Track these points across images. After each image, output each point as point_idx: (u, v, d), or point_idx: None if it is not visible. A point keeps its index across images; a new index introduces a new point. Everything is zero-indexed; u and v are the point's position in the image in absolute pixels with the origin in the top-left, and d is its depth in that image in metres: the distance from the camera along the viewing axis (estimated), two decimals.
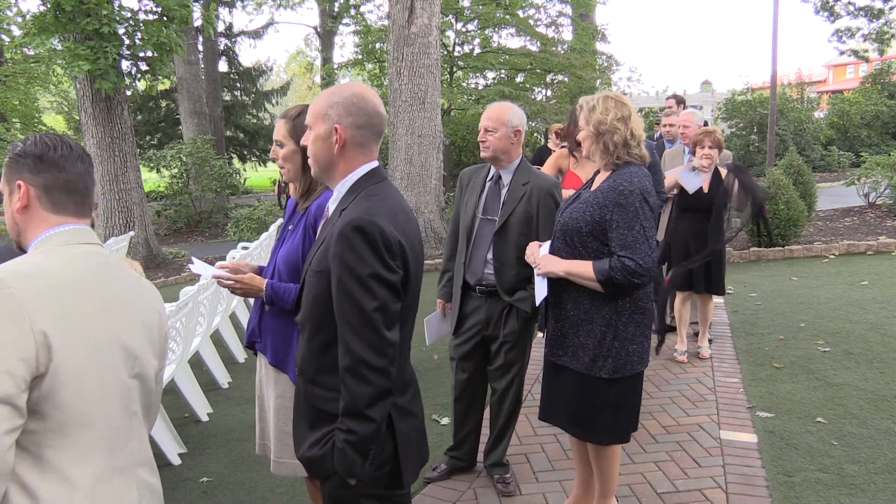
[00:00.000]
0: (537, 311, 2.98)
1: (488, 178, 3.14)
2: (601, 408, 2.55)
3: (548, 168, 4.19)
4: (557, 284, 2.57)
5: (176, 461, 3.71)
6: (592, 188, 2.62)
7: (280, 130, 2.33)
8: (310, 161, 1.84)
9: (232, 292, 2.44)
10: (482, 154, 3.05)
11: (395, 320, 1.67)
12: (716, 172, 4.63)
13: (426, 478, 3.33)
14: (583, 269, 2.47)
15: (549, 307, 2.68)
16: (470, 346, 3.19)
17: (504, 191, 3.07)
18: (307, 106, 2.15)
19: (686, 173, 4.69)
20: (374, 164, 1.82)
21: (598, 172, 2.72)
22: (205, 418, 4.32)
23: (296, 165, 2.33)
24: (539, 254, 2.66)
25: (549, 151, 8.18)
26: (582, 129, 2.59)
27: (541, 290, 2.58)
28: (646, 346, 2.60)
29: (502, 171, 3.09)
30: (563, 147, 7.25)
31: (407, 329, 1.80)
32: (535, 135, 17.12)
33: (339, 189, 1.79)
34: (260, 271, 2.45)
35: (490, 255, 3.06)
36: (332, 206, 1.82)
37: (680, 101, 6.53)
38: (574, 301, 2.55)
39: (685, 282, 4.75)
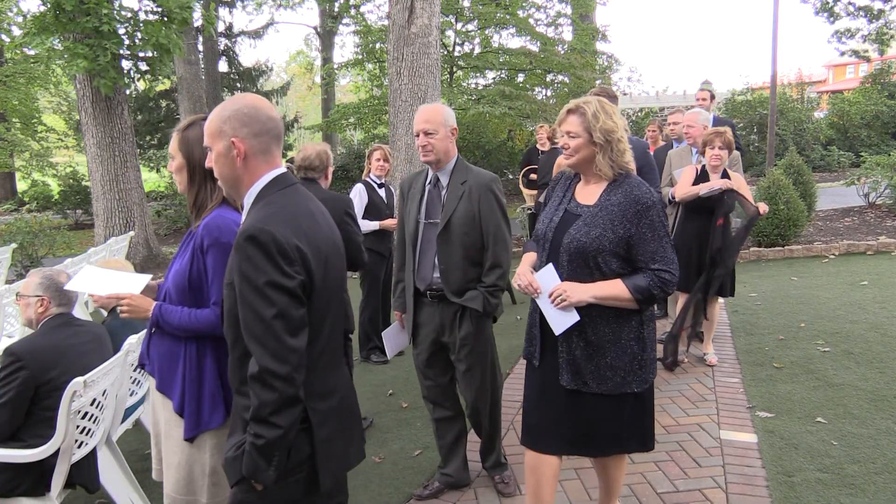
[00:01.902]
0: (492, 310, 2.96)
1: (427, 182, 3.06)
2: (631, 421, 2.45)
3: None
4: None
5: None
6: (589, 202, 2.42)
7: (171, 144, 2.26)
8: (219, 182, 1.85)
9: (119, 314, 2.34)
10: (424, 159, 2.95)
11: (299, 326, 1.65)
12: (724, 174, 4.55)
13: (414, 494, 3.25)
14: (615, 291, 2.31)
15: (551, 335, 2.44)
16: (429, 353, 3.12)
17: (443, 192, 2.99)
18: (200, 118, 2.14)
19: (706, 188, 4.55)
20: (279, 170, 1.81)
21: (572, 182, 2.53)
22: None
23: (183, 179, 2.24)
24: (539, 282, 2.41)
25: (537, 152, 8.21)
26: (579, 137, 2.37)
27: (566, 321, 2.35)
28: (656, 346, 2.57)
29: (440, 174, 3.01)
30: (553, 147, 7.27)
31: (325, 335, 1.78)
32: (535, 135, 17.12)
33: (247, 201, 1.80)
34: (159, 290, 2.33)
35: (437, 259, 2.99)
36: (243, 218, 1.83)
37: (712, 97, 6.39)
38: (597, 324, 2.37)
39: (691, 285, 4.59)
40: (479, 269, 2.97)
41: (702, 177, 4.60)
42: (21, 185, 22.22)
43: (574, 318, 2.33)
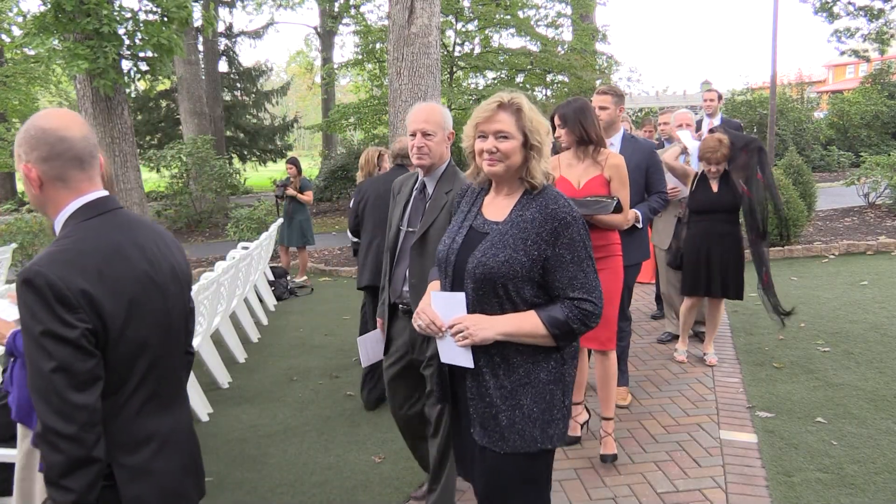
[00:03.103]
0: None
1: (415, 187, 2.86)
2: (529, 484, 2.01)
3: None
4: (478, 348, 1.94)
5: None
6: (498, 219, 2.01)
7: None
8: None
9: None
10: (419, 162, 2.72)
11: (87, 380, 1.44)
12: (726, 175, 4.64)
13: (412, 495, 3.24)
14: (528, 325, 1.90)
15: (456, 378, 2.07)
16: (398, 368, 2.92)
17: (428, 200, 2.78)
18: None
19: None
20: (89, 197, 1.58)
21: (478, 195, 2.12)
22: (205, 418, 4.33)
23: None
24: (440, 315, 1.97)
25: None
26: (513, 139, 1.96)
27: (462, 360, 1.95)
28: None
29: (427, 179, 2.79)
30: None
31: (135, 381, 1.57)
32: None
33: (57, 231, 1.60)
34: None
35: (408, 272, 2.75)
36: None
37: (720, 98, 6.55)
38: (508, 364, 1.94)
39: (701, 287, 4.69)
40: None
41: (701, 182, 4.71)
42: (21, 185, 22.23)
43: (468, 362, 1.93)
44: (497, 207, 2.05)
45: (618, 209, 3.29)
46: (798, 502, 3.01)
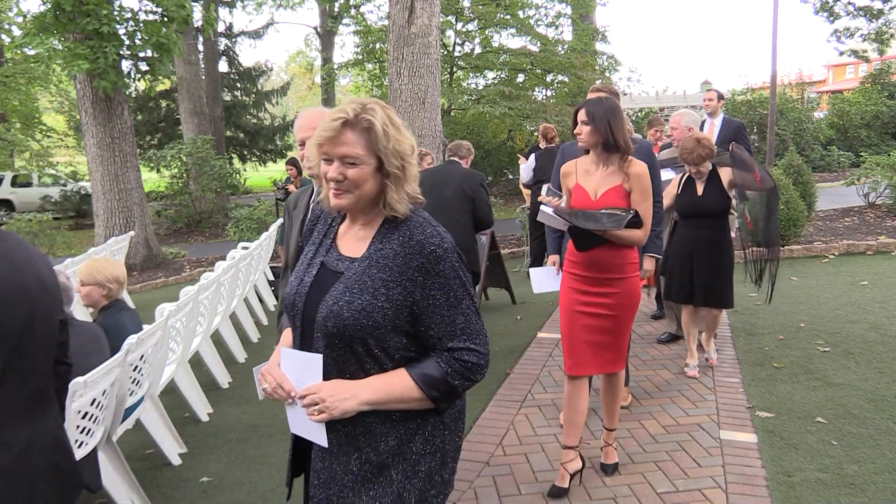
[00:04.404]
0: None
1: (311, 200, 2.60)
2: None
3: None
4: (336, 420, 1.56)
5: (176, 461, 3.72)
6: (355, 254, 1.62)
7: None
8: None
9: None
10: (309, 174, 2.38)
11: None
12: (713, 175, 4.42)
13: None
14: (397, 388, 1.54)
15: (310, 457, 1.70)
16: None
17: None
18: None
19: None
20: None
21: (334, 222, 1.74)
22: (205, 418, 4.33)
23: None
24: (290, 378, 1.60)
25: (537, 151, 8.20)
26: (363, 164, 1.55)
27: (316, 436, 1.60)
28: None
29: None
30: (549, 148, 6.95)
31: (11, 383, 1.57)
32: (536, 135, 17.14)
33: None
34: None
35: None
36: None
37: (720, 97, 6.33)
38: (373, 437, 1.58)
39: (683, 295, 4.55)
40: None
41: (687, 185, 4.52)
42: None
43: (321, 439, 1.58)
44: (353, 240, 1.65)
45: (634, 223, 2.94)
46: (798, 502, 3.01)
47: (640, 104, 17.74)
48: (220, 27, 22.72)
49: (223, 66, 23.79)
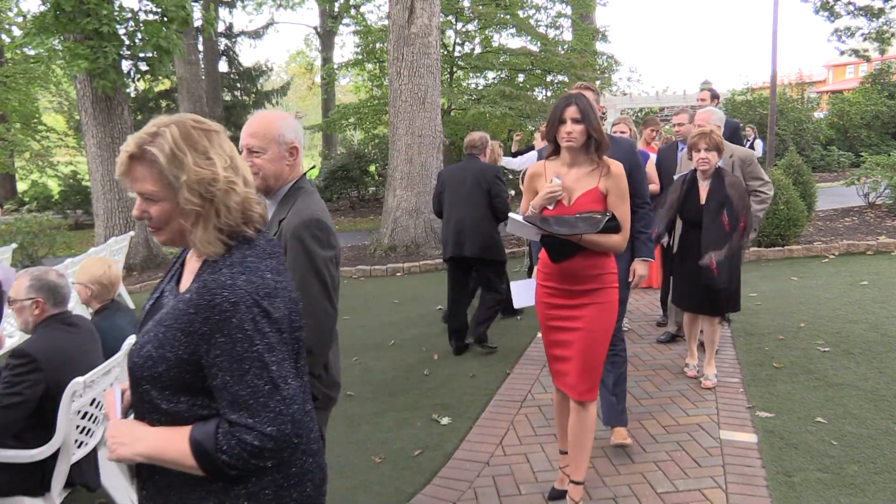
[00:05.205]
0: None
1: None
2: None
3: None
4: (143, 467, 1.44)
5: None
6: (184, 287, 1.45)
7: None
8: None
9: None
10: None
11: None
12: (718, 177, 4.17)
13: None
14: (171, 451, 1.35)
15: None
16: None
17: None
18: None
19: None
20: None
21: None
22: None
23: None
24: (117, 407, 1.49)
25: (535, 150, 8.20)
26: (160, 200, 1.37)
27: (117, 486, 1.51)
28: None
29: (268, 204, 2.22)
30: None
31: None
32: (535, 135, 17.13)
33: None
34: None
35: None
36: None
37: (714, 97, 6.10)
38: (187, 493, 1.41)
39: (692, 304, 4.37)
40: None
41: (690, 184, 4.27)
42: (21, 185, 22.25)
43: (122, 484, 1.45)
44: (189, 272, 1.47)
45: (611, 227, 2.73)
46: (798, 502, 3.01)
47: (640, 104, 17.69)
48: (220, 27, 22.74)
49: (223, 66, 23.81)
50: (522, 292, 3.56)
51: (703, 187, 4.22)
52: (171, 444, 1.34)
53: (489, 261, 5.23)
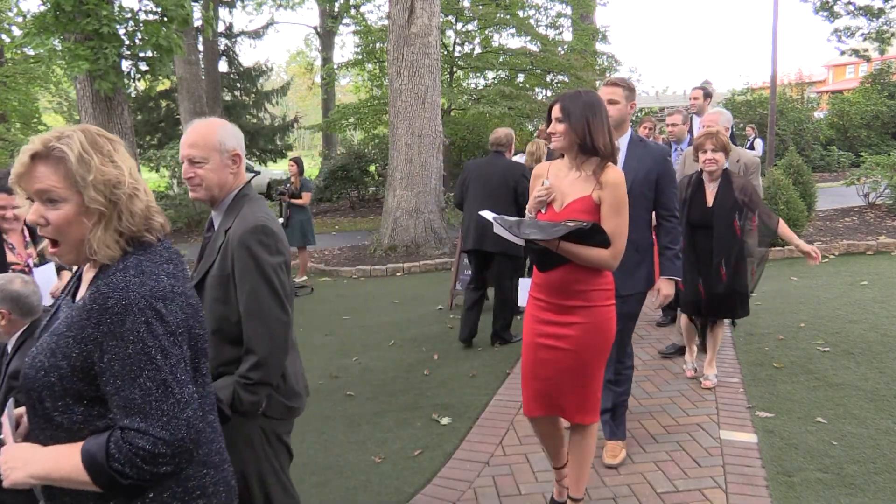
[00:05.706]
0: (246, 408, 1.99)
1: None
2: None
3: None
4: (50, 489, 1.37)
5: None
6: (80, 296, 1.43)
7: None
8: None
9: None
10: (193, 196, 2.14)
11: None
12: (725, 179, 4.09)
13: None
14: (66, 466, 1.29)
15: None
16: None
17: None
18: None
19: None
20: None
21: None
22: None
23: None
24: (10, 431, 1.42)
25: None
26: (64, 201, 1.34)
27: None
28: None
29: (214, 214, 2.19)
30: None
31: None
32: (535, 134, 17.15)
33: None
34: None
35: None
36: None
37: (707, 95, 6.00)
38: None
39: (699, 308, 4.26)
40: (233, 348, 2.07)
41: (696, 185, 4.15)
42: None
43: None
44: (85, 281, 1.45)
45: (595, 237, 2.46)
46: (798, 502, 3.01)
47: (640, 104, 17.76)
48: (220, 27, 22.74)
49: (223, 66, 23.82)
50: (527, 291, 3.62)
51: (710, 189, 4.12)
52: (65, 460, 1.29)
53: (510, 255, 5.30)
